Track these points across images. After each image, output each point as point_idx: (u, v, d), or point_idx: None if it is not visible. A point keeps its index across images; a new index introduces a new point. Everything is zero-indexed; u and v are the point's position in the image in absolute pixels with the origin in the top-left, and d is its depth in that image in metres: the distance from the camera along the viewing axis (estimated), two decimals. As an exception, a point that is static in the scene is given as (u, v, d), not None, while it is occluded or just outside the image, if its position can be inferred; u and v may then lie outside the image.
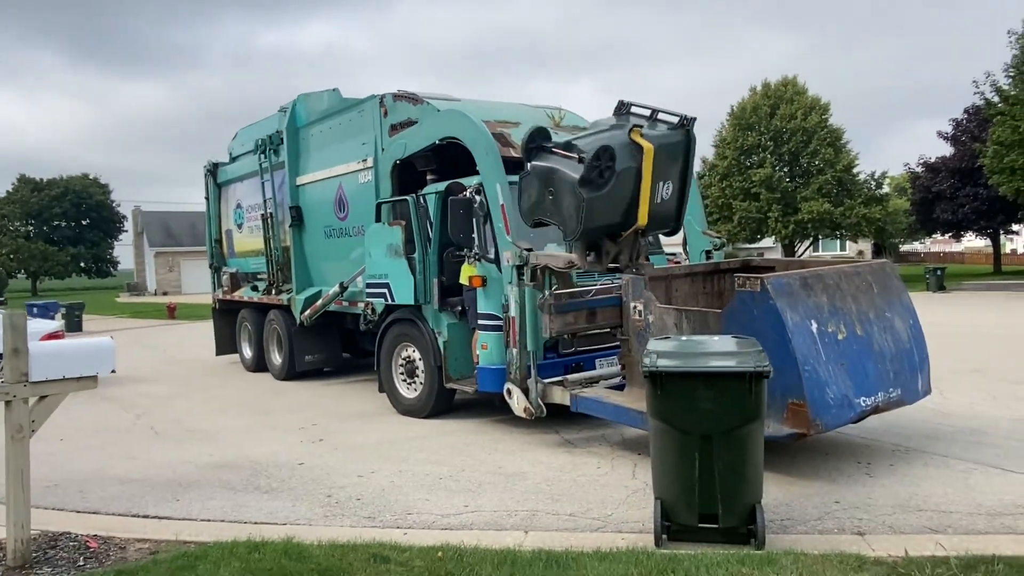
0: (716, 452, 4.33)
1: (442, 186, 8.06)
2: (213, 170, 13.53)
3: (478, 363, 7.48)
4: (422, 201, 8.33)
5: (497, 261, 7.31)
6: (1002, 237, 41.99)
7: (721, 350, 4.55)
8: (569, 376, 7.21)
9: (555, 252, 7.06)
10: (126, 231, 64.07)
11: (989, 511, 4.90)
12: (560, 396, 6.85)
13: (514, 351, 6.92)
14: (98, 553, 4.60)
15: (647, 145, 5.91)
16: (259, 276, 12.40)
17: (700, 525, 4.44)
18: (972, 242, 56.40)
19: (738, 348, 4.56)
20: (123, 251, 67.98)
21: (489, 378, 7.31)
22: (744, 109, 34.90)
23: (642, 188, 5.93)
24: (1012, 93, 25.69)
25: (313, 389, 10.62)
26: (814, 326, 5.50)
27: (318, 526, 5.09)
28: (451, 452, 6.85)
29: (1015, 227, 39.77)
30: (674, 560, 4.12)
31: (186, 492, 5.93)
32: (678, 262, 9.00)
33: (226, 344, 13.46)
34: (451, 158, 8.21)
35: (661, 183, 6.07)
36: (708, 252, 8.67)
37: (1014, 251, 56.11)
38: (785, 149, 33.56)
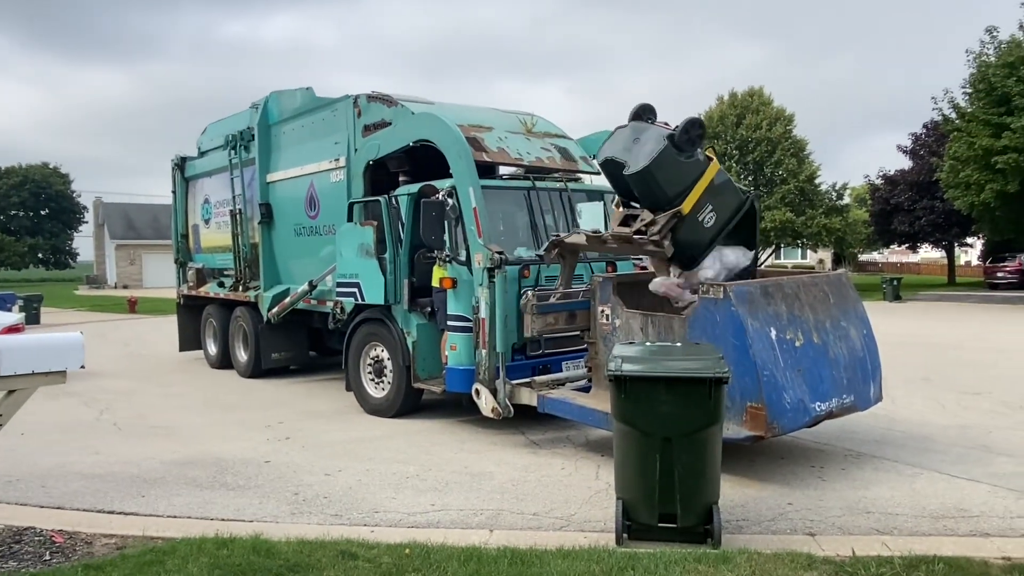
0: (676, 454, 4.50)
1: (415, 188, 8.15)
2: (181, 164, 13.44)
3: (447, 363, 7.59)
4: (394, 202, 8.41)
5: (468, 263, 7.42)
6: (956, 249, 43.17)
7: (683, 356, 4.72)
8: (536, 378, 7.38)
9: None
10: (86, 222, 62.87)
11: (933, 514, 5.14)
12: (528, 397, 7.00)
13: (483, 352, 7.05)
14: (64, 548, 4.61)
15: (715, 160, 6.40)
16: (226, 272, 12.35)
17: (660, 524, 4.60)
18: (928, 253, 57.87)
19: (699, 354, 4.73)
20: (83, 243, 66.74)
21: (458, 378, 7.42)
22: (711, 118, 35.46)
23: (698, 184, 6.23)
24: (968, 111, 26.50)
25: (279, 387, 10.61)
26: (773, 333, 5.72)
27: (285, 523, 5.15)
28: (418, 451, 6.93)
29: (969, 240, 40.96)
30: (634, 558, 4.27)
31: (151, 488, 5.93)
32: (645, 268, 9.18)
33: (190, 340, 13.40)
34: (424, 160, 8.30)
35: (709, 206, 6.30)
36: None
37: (968, 263, 57.70)
38: (750, 158, 34.22)
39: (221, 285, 12.34)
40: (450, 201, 7.51)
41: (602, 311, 6.63)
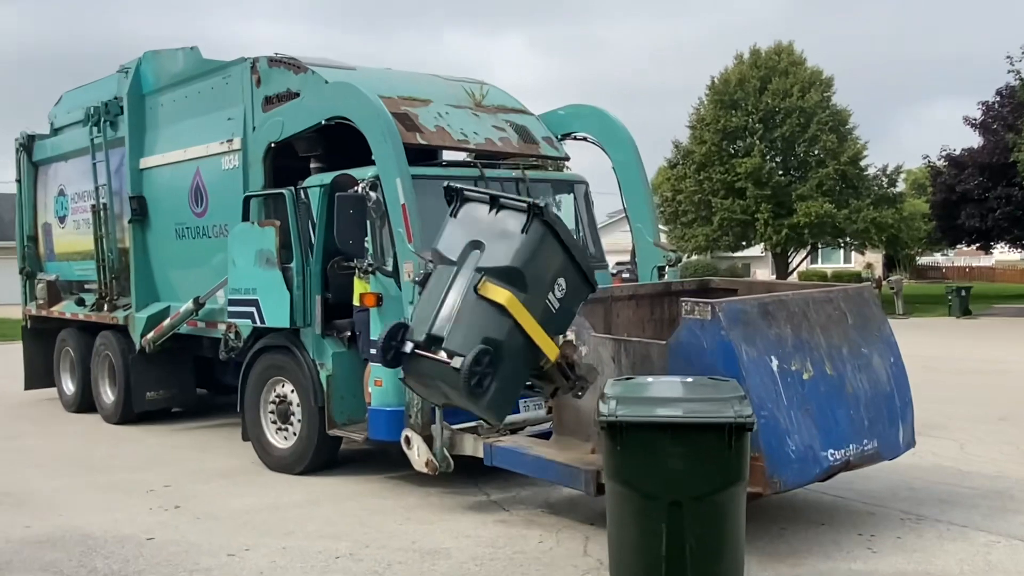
0: (687, 523, 4.57)
1: (328, 178, 8.13)
2: (28, 144, 13.30)
3: (370, 404, 7.64)
4: (303, 196, 8.44)
5: (396, 275, 7.49)
6: (1040, 250, 44.24)
7: (694, 396, 4.82)
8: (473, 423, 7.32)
9: None
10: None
11: (1013, 594, 5.29)
12: (472, 446, 7.05)
13: None
14: None
15: (505, 297, 5.82)
16: (87, 286, 12.24)
17: (667, 615, 4.67)
18: (1005, 255, 59.18)
19: (714, 394, 4.82)
20: None
21: (383, 423, 7.46)
22: (728, 82, 35.95)
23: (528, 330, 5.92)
24: (1053, 73, 27.20)
25: (164, 437, 10.53)
26: (775, 363, 5.87)
27: (176, 621, 5.12)
28: (351, 522, 6.92)
29: (1056, 238, 41.99)
30: (634, 659, 4.33)
31: (-5, 577, 5.86)
32: (627, 278, 9.28)
33: (39, 375, 13.26)
34: (343, 142, 8.33)
35: (551, 291, 6.06)
36: (660, 268, 8.97)
37: (1055, 267, 59.27)
38: (778, 134, 34.69)
39: (81, 303, 12.18)
40: (373, 195, 7.52)
41: (565, 336, 6.68)
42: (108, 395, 11.58)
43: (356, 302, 7.80)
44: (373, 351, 7.56)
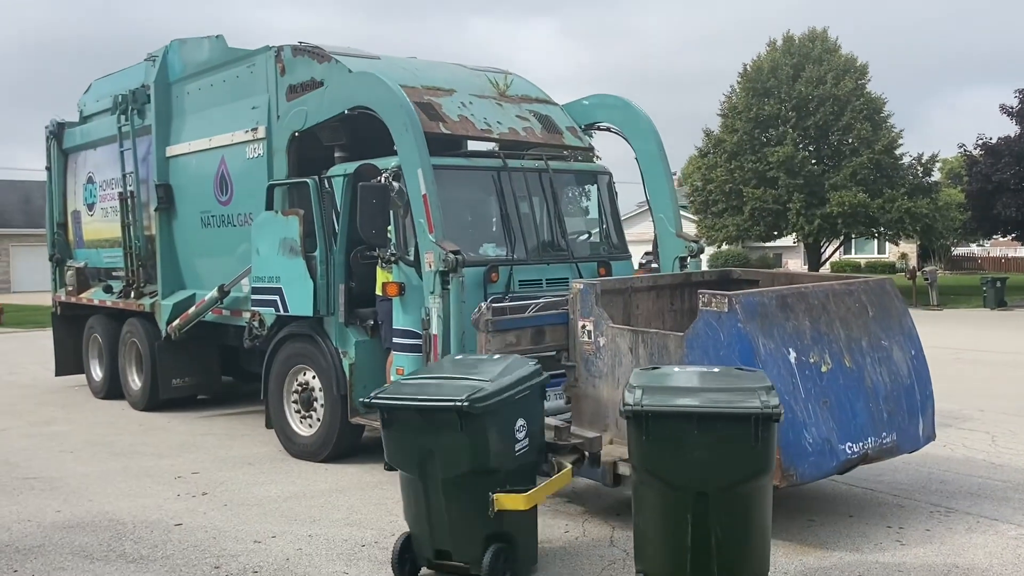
0: (713, 513, 4.57)
1: (352, 167, 8.18)
2: (57, 131, 13.43)
3: None
4: (327, 185, 8.48)
5: (417, 265, 7.52)
6: (1079, 241, 43.61)
7: (720, 386, 4.81)
8: None
9: None
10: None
11: (1044, 589, 5.25)
12: None
13: None
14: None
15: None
16: (115, 273, 12.39)
17: (691, 605, 4.68)
18: (1043, 246, 58.38)
19: (741, 383, 4.82)
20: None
21: None
22: (760, 69, 35.66)
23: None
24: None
25: (191, 424, 10.65)
26: (792, 356, 5.90)
27: (203, 605, 5.19)
28: (376, 510, 6.98)
29: (1094, 228, 41.38)
30: (658, 649, 4.34)
31: (27, 560, 5.96)
32: (655, 268, 9.25)
33: (69, 362, 13.46)
34: (367, 131, 8.35)
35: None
36: (682, 259, 8.99)
37: (1094, 258, 58.37)
38: (811, 122, 34.38)
39: (108, 290, 12.31)
40: (396, 185, 7.56)
41: (583, 326, 6.73)
42: (135, 382, 11.74)
43: (379, 291, 7.85)
44: (395, 340, 7.67)
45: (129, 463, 8.77)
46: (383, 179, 7.62)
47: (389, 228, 7.64)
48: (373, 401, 5.28)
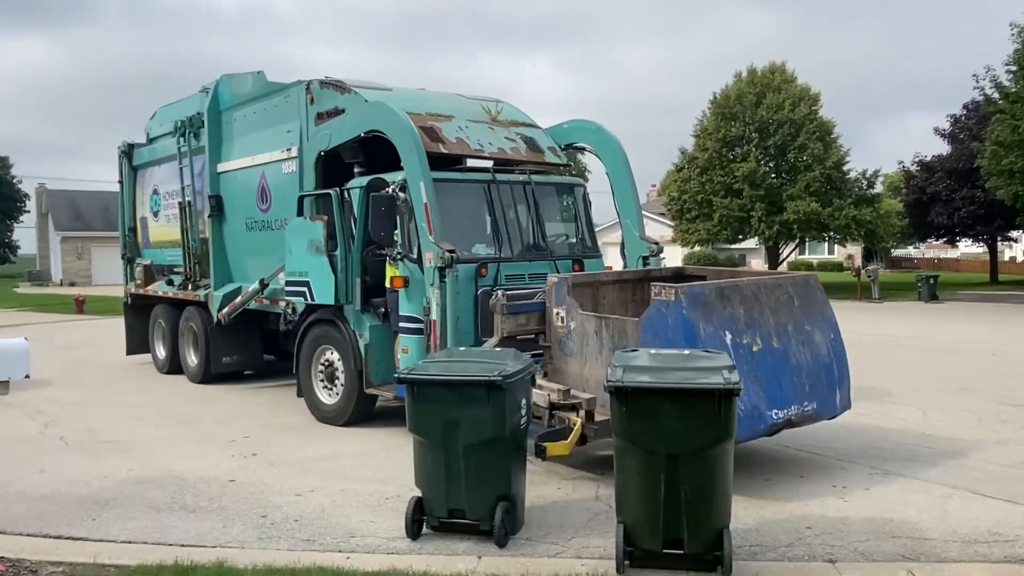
0: (682, 473, 4.58)
1: (366, 181, 8.42)
2: (128, 151, 13.71)
3: (399, 368, 7.84)
4: (346, 196, 8.70)
5: (420, 261, 7.72)
6: (1000, 244, 43.43)
7: (689, 366, 4.81)
8: None
9: None
10: (28, 211, 62.61)
11: (964, 538, 5.25)
12: None
13: None
14: (6, 577, 4.67)
15: None
16: (175, 269, 12.64)
17: (665, 551, 4.69)
18: (969, 248, 58.20)
19: (707, 364, 4.82)
20: (24, 234, 66.54)
21: None
22: (728, 97, 35.48)
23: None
24: (1013, 90, 26.64)
25: (243, 395, 10.69)
26: (728, 337, 6.06)
27: (252, 549, 5.22)
28: (399, 469, 6.99)
29: (1013, 233, 41.21)
30: (635, 587, 4.36)
31: (103, 510, 5.99)
32: (648, 265, 9.32)
33: (137, 343, 13.72)
34: (380, 151, 8.51)
35: None
36: (645, 258, 9.11)
37: (1013, 259, 58.09)
38: (771, 142, 34.25)
39: (170, 283, 12.62)
40: (401, 195, 7.82)
41: (557, 313, 6.95)
42: (192, 359, 11.97)
43: (388, 284, 8.06)
44: (401, 324, 7.92)
45: (191, 429, 8.82)
46: (391, 190, 7.89)
47: (396, 231, 7.85)
48: (406, 377, 5.29)
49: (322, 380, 9.02)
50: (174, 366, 12.39)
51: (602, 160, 9.68)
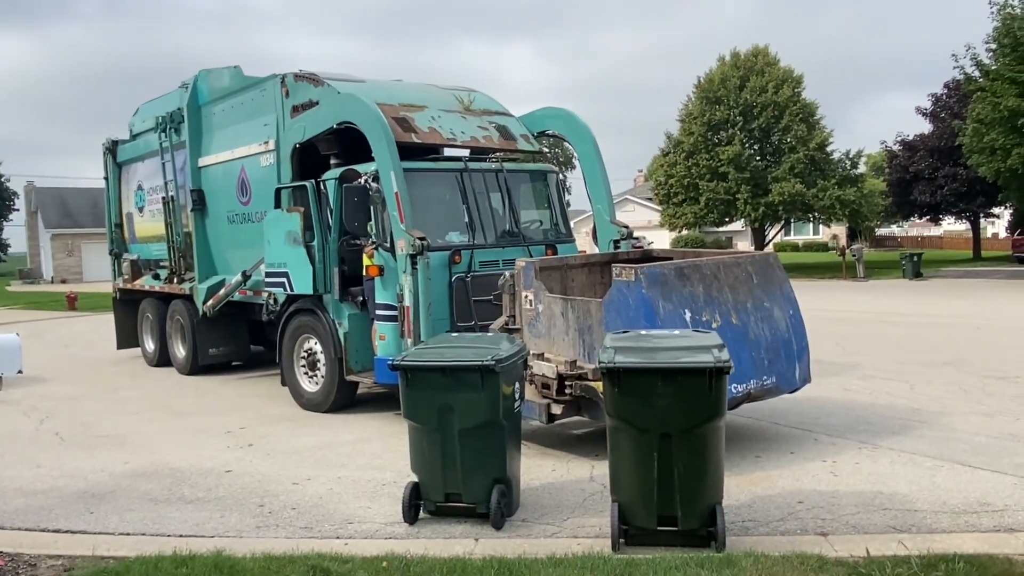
0: (675, 451, 4.59)
1: (340, 172, 8.42)
2: (112, 148, 13.68)
3: (376, 354, 7.97)
4: (322, 187, 8.74)
5: (393, 250, 7.76)
6: (982, 221, 43.69)
7: (679, 345, 4.81)
8: None
9: None
10: (17, 210, 62.10)
11: (953, 509, 5.28)
12: None
13: (408, 342, 7.41)
14: (5, 571, 4.64)
15: None
16: (161, 263, 12.68)
17: (659, 528, 4.69)
18: (952, 226, 58.54)
19: (697, 343, 4.81)
20: (14, 233, 65.99)
21: (387, 369, 7.62)
22: (712, 81, 35.50)
23: None
24: (993, 68, 26.68)
25: (237, 387, 10.66)
26: (688, 315, 6.14)
27: (250, 538, 5.20)
28: (395, 456, 6.99)
29: (995, 210, 41.47)
30: (631, 564, 4.37)
31: (100, 503, 5.96)
32: (641, 247, 9.34)
33: (128, 337, 13.74)
34: (355, 142, 8.51)
35: None
36: (616, 242, 9.15)
37: (995, 235, 58.40)
38: (755, 125, 34.29)
39: (156, 277, 12.67)
40: (374, 185, 7.87)
41: (526, 296, 7.01)
42: (180, 351, 12.01)
43: (364, 273, 8.11)
44: (378, 312, 8.00)
45: (186, 421, 8.78)
46: (363, 181, 7.95)
47: (370, 222, 7.89)
48: (400, 364, 5.26)
49: (304, 368, 9.09)
50: (163, 359, 12.45)
51: (572, 146, 9.78)
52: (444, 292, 7.92)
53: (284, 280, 8.99)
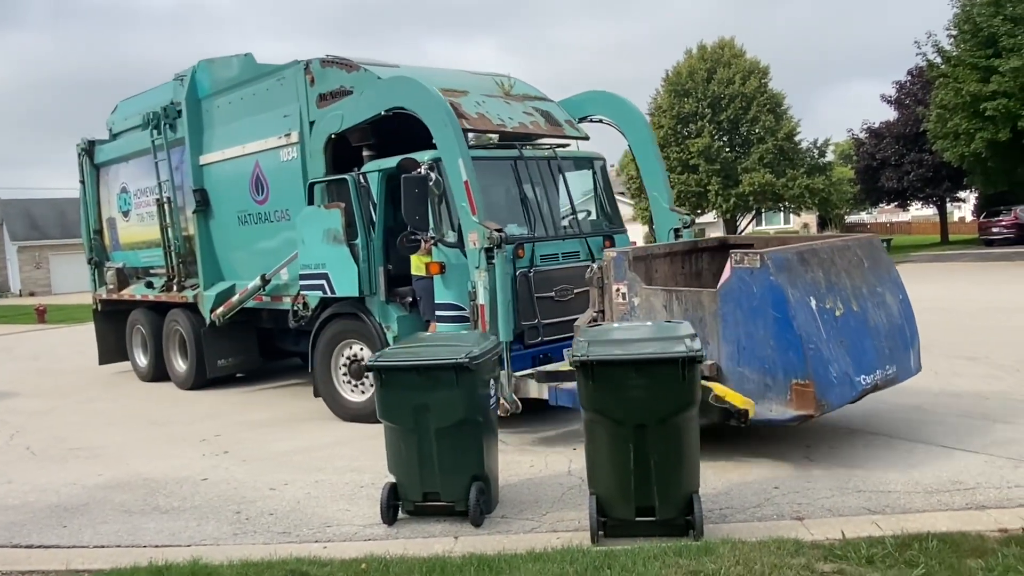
0: (651, 442, 4.61)
1: (388, 163, 7.92)
2: (89, 149, 12.83)
3: None
4: (363, 180, 8.16)
5: (460, 245, 7.30)
6: (949, 205, 44.33)
7: (652, 336, 4.83)
8: (539, 368, 7.20)
9: None
10: (-19, 223, 60.93)
11: (927, 489, 5.35)
12: (536, 390, 6.90)
13: None
14: (-23, 589, 4.56)
15: None
16: (153, 271, 11.93)
17: (637, 519, 4.72)
18: (919, 211, 59.28)
19: (669, 333, 4.84)
20: (-21, 247, 64.72)
21: None
22: (680, 74, 35.74)
23: None
24: (954, 55, 27.09)
25: (214, 396, 10.52)
26: (813, 303, 5.76)
27: (227, 545, 5.15)
28: (373, 457, 6.93)
29: (961, 194, 42.12)
30: (610, 556, 4.38)
31: (74, 517, 5.88)
32: (680, 236, 8.98)
33: (112, 351, 12.90)
34: (388, 132, 8.12)
35: None
36: (676, 230, 8.71)
37: (962, 219, 59.31)
38: (724, 117, 34.59)
39: (150, 286, 11.81)
40: (433, 175, 7.31)
41: (617, 289, 6.53)
42: (180, 365, 11.31)
43: (414, 272, 7.65)
44: (439, 313, 7.45)
45: (160, 431, 8.67)
46: (423, 171, 7.35)
47: (428, 215, 7.34)
48: (374, 365, 5.19)
49: (346, 377, 8.48)
50: (159, 373, 11.67)
51: (623, 132, 9.20)
52: (508, 289, 7.20)
53: (323, 282, 8.32)
